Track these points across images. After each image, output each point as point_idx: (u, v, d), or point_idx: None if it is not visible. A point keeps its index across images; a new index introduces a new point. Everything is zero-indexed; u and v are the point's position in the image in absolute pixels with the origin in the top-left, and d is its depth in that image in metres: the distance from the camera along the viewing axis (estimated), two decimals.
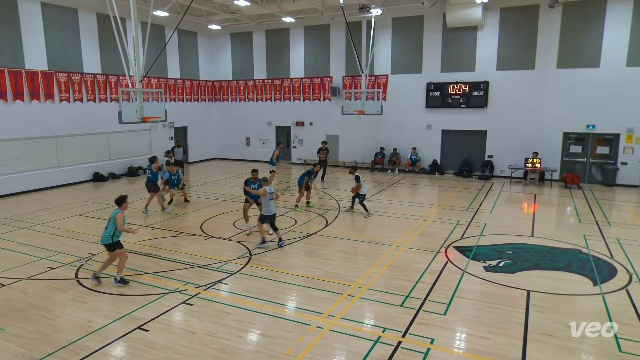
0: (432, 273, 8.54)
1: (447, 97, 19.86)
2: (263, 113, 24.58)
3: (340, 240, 10.67)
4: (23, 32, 16.02)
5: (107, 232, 7.84)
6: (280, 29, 23.17)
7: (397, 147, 21.13)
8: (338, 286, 7.94)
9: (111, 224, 7.83)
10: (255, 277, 8.41)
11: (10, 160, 15.95)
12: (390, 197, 15.91)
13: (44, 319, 6.82)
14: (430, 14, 19.68)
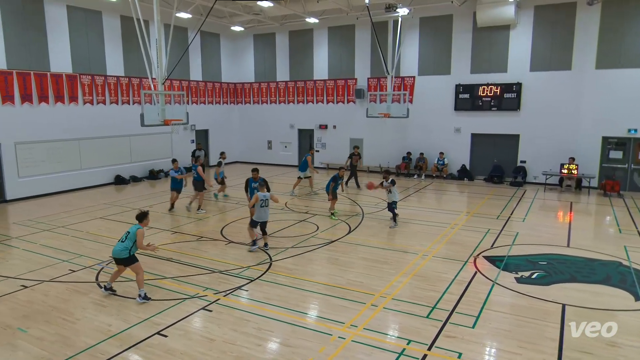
0: (460, 283, 8.40)
1: (477, 100, 19.58)
2: (285, 116, 24.76)
3: (363, 247, 10.62)
4: (49, 35, 16.62)
5: (124, 245, 7.62)
6: (304, 29, 23.34)
7: (423, 152, 20.93)
8: (361, 295, 7.90)
9: (129, 240, 7.63)
10: (275, 284, 8.45)
11: (35, 162, 16.52)
12: (417, 203, 15.75)
13: (64, 322, 7.01)
14: (460, 13, 19.48)
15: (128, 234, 7.72)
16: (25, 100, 16.03)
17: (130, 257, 7.66)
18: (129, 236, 7.70)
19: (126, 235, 7.73)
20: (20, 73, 15.80)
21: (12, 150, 15.81)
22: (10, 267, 9.46)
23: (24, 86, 15.91)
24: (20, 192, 16.13)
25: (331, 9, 20.65)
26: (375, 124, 21.86)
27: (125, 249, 7.63)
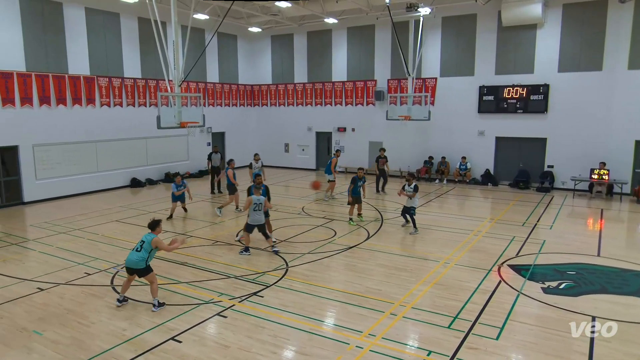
0: (483, 293, 8.27)
1: (502, 102, 19.34)
2: (303, 118, 24.85)
3: (382, 254, 10.57)
4: (67, 37, 17.05)
5: (140, 256, 7.57)
6: (323, 30, 23.43)
7: (445, 156, 20.75)
8: (380, 303, 7.85)
9: (145, 250, 7.59)
10: (291, 290, 8.46)
11: (52, 164, 16.92)
12: (438, 209, 15.61)
13: (79, 325, 7.14)
14: (484, 12, 19.30)
15: (143, 243, 7.66)
16: (44, 102, 16.45)
17: (146, 267, 7.66)
18: (144, 246, 7.64)
19: (141, 245, 7.67)
20: (39, 75, 16.23)
21: (30, 153, 16.22)
22: (26, 270, 9.69)
23: (42, 88, 16.33)
24: (37, 195, 16.52)
25: (350, 9, 20.69)
26: (395, 127, 21.77)
27: (142, 260, 7.59)
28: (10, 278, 9.14)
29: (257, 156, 16.65)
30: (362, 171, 13.72)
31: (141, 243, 7.71)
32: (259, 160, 16.54)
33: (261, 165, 16.54)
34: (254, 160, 16.46)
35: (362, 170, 13.84)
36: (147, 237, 7.71)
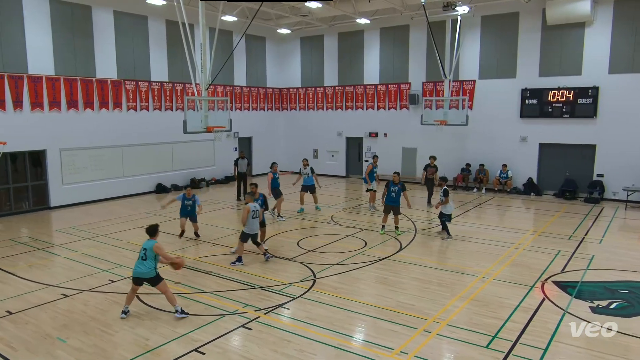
0: (525, 311, 8.06)
1: (546, 106, 18.90)
2: (333, 123, 24.92)
3: (415, 266, 10.44)
4: (95, 41, 17.68)
5: (147, 266, 7.66)
6: (354, 31, 23.49)
7: (484, 163, 20.38)
8: (412, 319, 7.75)
9: (150, 259, 7.67)
10: (319, 303, 8.45)
11: (78, 169, 17.52)
12: (476, 219, 15.33)
13: (102, 333, 7.33)
14: (527, 10, 18.96)
15: (145, 251, 7.69)
16: (71, 106, 17.08)
17: (156, 276, 7.74)
18: (147, 254, 7.68)
19: (144, 253, 7.70)
20: (67, 79, 16.88)
21: (57, 157, 16.84)
22: (52, 275, 10.03)
23: (70, 92, 16.97)
24: (63, 199, 17.11)
25: (384, 8, 20.68)
26: (430, 133, 21.56)
27: (151, 269, 7.68)
28: (35, 283, 9.48)
29: (305, 161, 16.40)
30: (398, 176, 13.33)
31: (144, 251, 7.74)
32: (307, 165, 16.22)
33: (310, 171, 16.08)
34: (302, 166, 16.26)
35: (398, 174, 13.42)
36: (148, 244, 7.77)
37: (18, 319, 7.83)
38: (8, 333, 7.35)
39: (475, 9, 19.44)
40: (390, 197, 13.10)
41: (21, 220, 15.31)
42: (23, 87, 15.70)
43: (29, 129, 15.91)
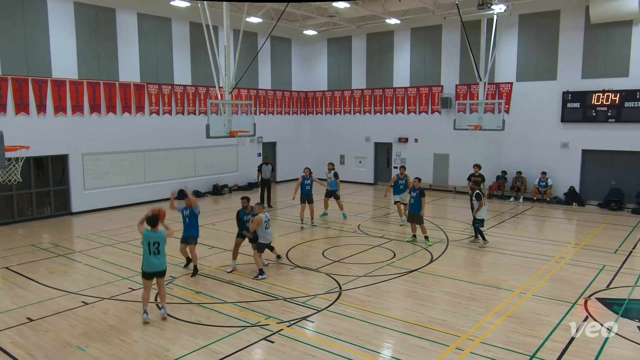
0: (566, 330, 7.84)
1: (589, 109, 18.46)
2: (361, 127, 24.90)
3: (447, 279, 10.30)
4: (119, 44, 18.17)
5: (162, 257, 8.14)
6: (383, 32, 23.48)
7: (522, 170, 20.01)
8: (444, 336, 7.63)
9: (163, 250, 8.14)
10: (345, 316, 8.41)
11: (100, 174, 17.97)
12: (513, 230, 15.05)
13: (122, 343, 7.46)
14: (569, 8, 18.62)
15: (158, 245, 8.09)
16: (94, 110, 17.56)
17: None
18: (160, 248, 8.12)
19: (156, 247, 8.07)
20: (91, 83, 17.38)
21: (79, 162, 17.32)
22: (72, 282, 10.29)
23: (93, 96, 17.46)
24: (85, 205, 17.56)
25: (415, 8, 20.62)
26: (464, 138, 21.30)
27: (164, 261, 8.21)
28: (56, 290, 9.74)
29: (330, 165, 16.38)
30: (418, 181, 13.28)
31: (156, 245, 8.06)
32: (331, 170, 16.21)
33: (334, 175, 16.09)
34: (327, 170, 16.31)
35: (419, 180, 13.38)
36: (160, 238, 8.12)
37: (38, 327, 8.05)
38: (28, 340, 7.55)
39: (513, 7, 19.19)
40: (410, 203, 13.38)
41: (43, 226, 15.77)
42: (47, 91, 16.24)
43: (52, 133, 16.42)
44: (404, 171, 15.96)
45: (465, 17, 18.79)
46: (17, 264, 11.58)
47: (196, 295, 9.39)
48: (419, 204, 12.97)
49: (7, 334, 7.78)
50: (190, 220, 10.63)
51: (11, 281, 10.38)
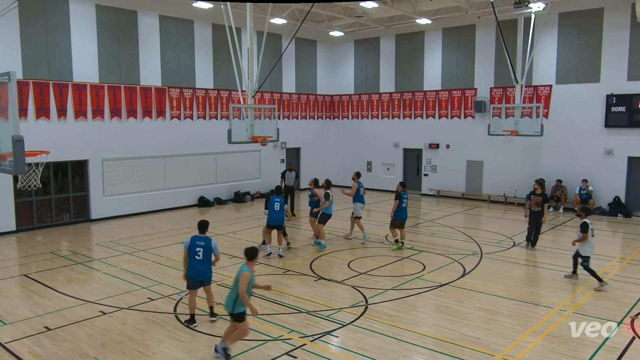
0: (610, 351, 7.63)
1: (636, 114, 18.04)
2: (389, 133, 24.82)
3: (481, 295, 10.15)
4: (140, 47, 18.57)
5: (230, 295, 7.24)
6: (414, 32, 23.42)
7: (562, 179, 19.61)
8: (477, 355, 7.51)
9: (234, 287, 7.17)
10: (371, 331, 8.36)
11: (120, 180, 18.33)
12: (552, 243, 14.74)
13: (140, 355, 7.56)
14: (613, 5, 18.26)
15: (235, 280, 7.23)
16: (115, 114, 17.96)
17: (234, 313, 7.26)
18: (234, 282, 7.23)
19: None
20: (111, 87, 17.79)
21: (99, 167, 17.72)
22: (90, 291, 10.50)
23: (114, 100, 17.86)
24: (104, 212, 17.92)
25: (447, 7, 20.52)
26: (499, 144, 21.01)
27: (229, 301, 7.21)
28: (74, 299, 9.95)
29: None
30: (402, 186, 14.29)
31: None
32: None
33: None
34: None
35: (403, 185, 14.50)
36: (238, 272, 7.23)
37: (56, 336, 8.23)
38: (46, 350, 7.73)
39: (552, 5, 18.91)
40: None
41: (62, 233, 16.17)
42: (67, 95, 16.68)
43: (72, 138, 16.83)
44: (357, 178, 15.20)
45: (500, 16, 18.58)
46: (36, 272, 11.88)
47: (216, 306, 9.45)
48: None
49: (25, 342, 7.98)
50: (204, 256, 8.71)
51: (29, 289, 10.65)
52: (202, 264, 8.44)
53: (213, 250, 8.50)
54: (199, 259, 8.40)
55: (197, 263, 8.41)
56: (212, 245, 8.50)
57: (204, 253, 8.41)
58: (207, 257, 8.45)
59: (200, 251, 8.39)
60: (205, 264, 8.47)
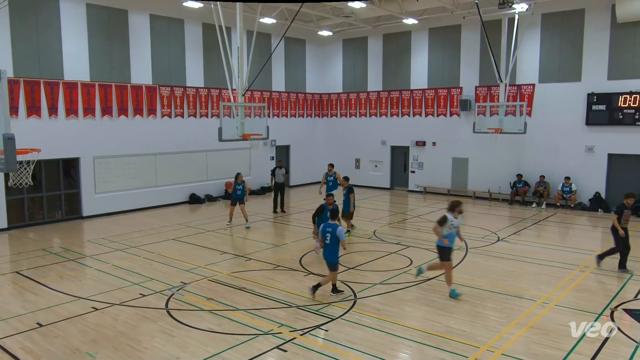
0: (591, 342, 7.71)
1: (616, 112, 18.22)
2: (377, 131, 24.87)
3: (467, 288, 10.21)
4: (131, 46, 18.40)
5: None
6: (401, 32, 23.46)
7: (544, 175, 19.78)
8: (463, 347, 7.56)
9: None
10: (360, 325, 8.38)
11: (111, 178, 18.17)
12: (535, 238, 14.87)
13: (132, 350, 7.52)
14: (594, 6, 18.41)
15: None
16: (106, 113, 17.79)
17: None
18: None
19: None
20: (102, 85, 17.61)
21: (90, 165, 17.55)
22: (82, 287, 10.41)
23: (105, 98, 17.69)
24: (96, 209, 17.77)
25: (433, 7, 20.55)
26: (484, 141, 21.15)
27: None
28: (66, 295, 9.86)
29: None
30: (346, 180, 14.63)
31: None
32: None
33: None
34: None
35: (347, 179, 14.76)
36: None
37: (48, 332, 8.15)
38: (38, 346, 7.65)
39: (535, 6, 19.03)
40: None
41: (53, 230, 16.00)
42: (58, 93, 16.49)
43: (63, 136, 16.65)
44: (332, 169, 16.46)
45: (485, 16, 18.68)
46: (28, 268, 11.76)
47: (207, 302, 9.44)
48: (348, 201, 14.24)
49: (17, 339, 7.89)
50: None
51: (21, 286, 10.54)
52: (328, 247, 9.56)
53: (340, 236, 9.42)
54: (327, 243, 9.55)
55: (325, 246, 9.61)
56: (338, 231, 9.45)
57: (331, 238, 9.47)
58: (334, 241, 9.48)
59: (329, 236, 9.51)
60: (328, 247, 9.54)
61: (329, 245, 9.50)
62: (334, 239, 9.42)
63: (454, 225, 9.73)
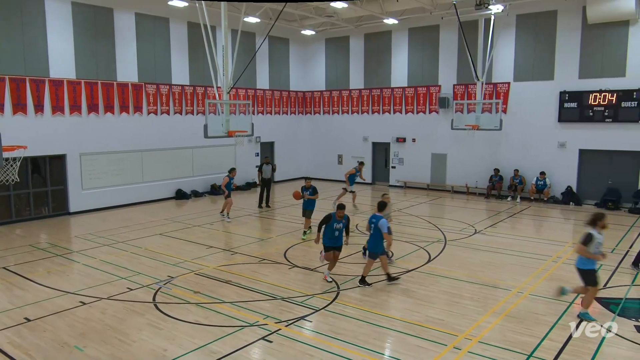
0: (563, 329, 7.86)
1: (586, 109, 18.49)
2: (358, 127, 24.91)
3: (445, 279, 10.32)
4: (117, 44, 18.13)
5: None
6: (381, 32, 23.49)
7: (518, 169, 20.02)
8: (441, 335, 7.65)
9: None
10: (343, 316, 8.42)
11: (97, 174, 17.92)
12: (510, 230, 15.07)
13: (120, 343, 7.45)
14: (566, 8, 18.64)
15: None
16: (92, 110, 17.52)
17: None
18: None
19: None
20: (88, 83, 17.32)
21: (77, 162, 17.27)
22: (70, 282, 10.27)
23: (91, 96, 17.41)
24: (82, 205, 17.51)
25: (413, 8, 20.62)
26: (461, 138, 21.33)
27: None
28: (54, 290, 9.72)
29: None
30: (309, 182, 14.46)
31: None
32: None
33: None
34: None
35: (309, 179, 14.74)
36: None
37: (36, 327, 8.03)
38: (26, 341, 7.54)
39: (510, 7, 19.19)
40: None
41: (41, 226, 15.73)
42: (44, 91, 16.19)
43: (50, 133, 16.36)
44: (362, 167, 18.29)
45: (462, 17, 18.80)
46: (15, 264, 11.55)
47: (194, 295, 9.39)
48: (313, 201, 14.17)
49: (5, 334, 7.77)
50: None
51: (9, 281, 10.35)
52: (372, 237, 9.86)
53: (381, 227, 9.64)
54: (371, 233, 9.84)
55: (370, 236, 9.91)
56: (381, 223, 9.67)
57: (374, 228, 9.78)
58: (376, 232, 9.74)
59: (372, 227, 9.83)
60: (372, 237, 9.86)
61: (372, 236, 9.84)
62: (376, 230, 9.71)
63: (599, 242, 8.29)
